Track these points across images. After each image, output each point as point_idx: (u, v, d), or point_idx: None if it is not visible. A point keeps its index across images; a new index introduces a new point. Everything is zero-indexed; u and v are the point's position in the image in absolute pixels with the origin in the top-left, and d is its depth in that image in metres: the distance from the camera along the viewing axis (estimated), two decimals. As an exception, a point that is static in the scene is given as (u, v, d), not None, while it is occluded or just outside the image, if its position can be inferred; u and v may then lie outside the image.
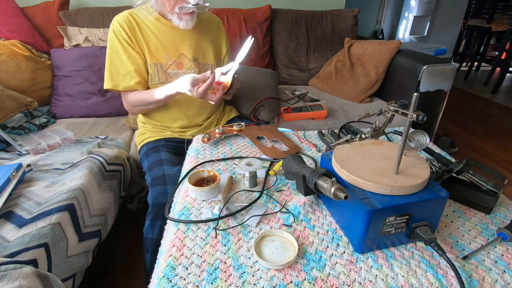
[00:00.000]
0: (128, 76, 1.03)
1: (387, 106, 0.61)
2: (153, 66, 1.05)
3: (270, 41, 1.99)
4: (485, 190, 0.66)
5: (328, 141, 0.90)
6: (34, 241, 0.74)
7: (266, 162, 0.82)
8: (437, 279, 0.49)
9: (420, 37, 3.92)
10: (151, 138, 1.13)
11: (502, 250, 0.56)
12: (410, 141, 0.56)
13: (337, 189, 0.53)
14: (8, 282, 0.60)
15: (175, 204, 0.69)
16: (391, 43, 1.69)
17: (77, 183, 0.95)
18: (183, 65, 1.09)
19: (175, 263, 0.52)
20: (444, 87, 1.53)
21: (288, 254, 0.53)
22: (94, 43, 1.66)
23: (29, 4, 1.73)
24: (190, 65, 1.09)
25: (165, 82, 1.06)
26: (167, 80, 1.06)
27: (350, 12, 2.00)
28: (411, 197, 0.52)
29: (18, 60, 1.49)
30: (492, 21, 4.09)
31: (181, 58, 1.08)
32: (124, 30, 1.00)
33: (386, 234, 0.53)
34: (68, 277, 0.83)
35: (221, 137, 0.95)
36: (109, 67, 1.03)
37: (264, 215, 0.63)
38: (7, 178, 0.89)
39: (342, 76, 1.80)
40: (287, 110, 1.49)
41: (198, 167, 0.81)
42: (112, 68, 1.03)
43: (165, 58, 1.05)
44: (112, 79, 1.03)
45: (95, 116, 1.58)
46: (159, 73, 1.06)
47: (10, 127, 1.29)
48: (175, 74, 1.07)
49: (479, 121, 2.76)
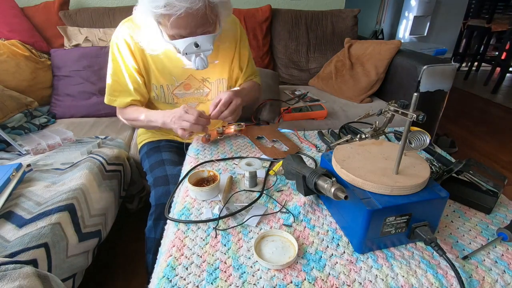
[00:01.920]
0: (125, 93, 0.98)
1: (387, 106, 0.61)
2: (159, 87, 1.00)
3: (270, 41, 1.99)
4: (485, 190, 0.66)
5: (328, 141, 0.90)
6: (34, 241, 0.74)
7: (266, 162, 0.82)
8: (437, 279, 0.49)
9: (420, 37, 3.92)
10: (152, 138, 1.13)
11: (502, 250, 0.56)
12: (410, 141, 0.56)
13: (337, 189, 0.53)
14: (8, 282, 0.60)
15: (175, 204, 0.69)
16: (391, 43, 1.69)
17: (77, 183, 0.95)
18: (191, 86, 1.03)
19: (175, 263, 0.52)
20: (444, 87, 1.53)
21: (288, 254, 0.53)
22: (94, 43, 1.67)
23: (29, 4, 1.73)
24: (199, 85, 1.03)
25: (171, 102, 1.03)
26: (173, 101, 1.03)
27: (350, 12, 2.00)
28: (411, 197, 0.52)
29: (18, 60, 1.49)
30: (492, 21, 4.09)
31: (189, 79, 1.01)
32: (128, 46, 0.92)
33: (386, 234, 0.53)
34: (68, 277, 0.83)
35: (221, 137, 0.95)
36: (108, 80, 0.98)
37: (264, 215, 0.63)
38: (7, 178, 0.89)
39: (342, 76, 1.80)
40: (287, 110, 1.49)
41: (198, 167, 0.81)
42: (111, 81, 0.98)
43: (172, 80, 0.99)
44: (109, 93, 0.99)
45: (95, 116, 1.58)
46: (165, 94, 1.01)
47: (10, 127, 1.29)
48: (182, 95, 1.03)
49: (479, 121, 2.76)
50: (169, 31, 0.80)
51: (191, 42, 0.81)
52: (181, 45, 0.82)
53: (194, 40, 0.81)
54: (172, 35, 0.82)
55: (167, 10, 0.72)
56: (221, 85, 1.07)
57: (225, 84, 1.08)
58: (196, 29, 0.80)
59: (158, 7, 0.73)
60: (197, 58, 0.85)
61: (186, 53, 0.83)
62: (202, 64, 0.86)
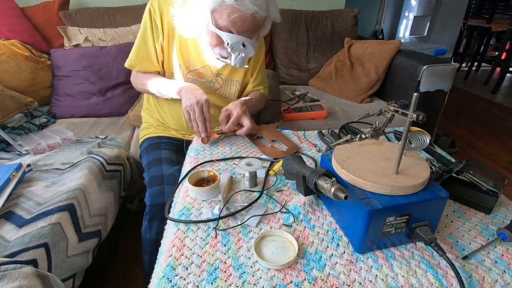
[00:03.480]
0: (147, 62, 1.01)
1: (387, 106, 0.61)
2: (176, 65, 1.01)
3: (270, 41, 1.99)
4: (485, 190, 0.66)
5: (328, 141, 0.90)
6: (34, 241, 0.74)
7: (266, 162, 0.82)
8: (437, 279, 0.49)
9: (420, 37, 3.92)
10: (154, 134, 1.12)
11: (502, 250, 0.56)
12: (410, 141, 0.56)
13: (337, 189, 0.53)
14: (8, 282, 0.60)
15: (175, 204, 0.69)
16: (391, 43, 1.69)
17: (77, 183, 0.95)
18: (205, 75, 1.04)
19: (175, 263, 0.52)
20: (444, 87, 1.53)
21: (288, 254, 0.53)
22: (94, 43, 1.67)
23: (29, 4, 1.73)
24: (212, 79, 1.04)
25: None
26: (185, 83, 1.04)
27: (350, 12, 2.00)
28: (411, 197, 0.52)
29: (18, 60, 1.49)
30: (492, 21, 4.10)
31: (205, 69, 1.02)
32: (160, 14, 0.93)
33: (386, 234, 0.53)
34: (68, 277, 0.83)
35: (221, 137, 0.95)
36: (136, 43, 1.00)
37: (264, 215, 0.63)
38: (7, 178, 0.89)
39: (342, 76, 1.80)
40: (287, 110, 1.49)
41: (198, 167, 0.81)
42: (137, 45, 1.00)
43: (189, 63, 1.01)
44: (132, 57, 1.01)
45: (95, 116, 1.58)
46: (178, 73, 1.02)
47: (10, 127, 1.29)
48: (193, 80, 1.03)
49: (479, 121, 2.76)
50: (222, 22, 0.81)
51: (240, 40, 0.83)
52: (230, 38, 0.83)
53: (243, 40, 0.83)
54: (223, 26, 0.82)
55: (238, 4, 0.74)
56: (234, 86, 1.09)
57: (237, 87, 1.09)
58: (246, 32, 0.83)
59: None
60: (239, 56, 0.87)
61: (232, 47, 0.85)
62: (241, 63, 0.89)
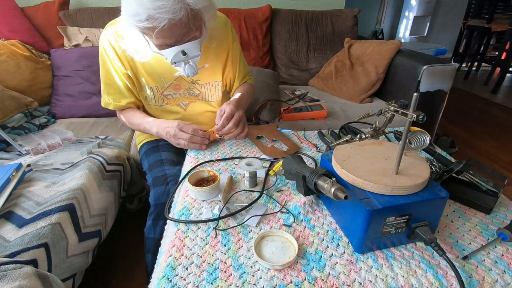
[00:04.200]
0: (118, 96, 0.99)
1: (387, 106, 0.61)
2: (149, 89, 0.99)
3: (270, 41, 1.99)
4: (485, 190, 0.66)
5: (328, 141, 0.90)
6: (34, 241, 0.74)
7: (266, 162, 0.82)
8: (437, 279, 0.49)
9: (420, 37, 3.92)
10: (151, 138, 1.13)
11: (502, 250, 0.56)
12: (410, 141, 0.56)
13: (337, 189, 0.53)
14: (8, 282, 0.60)
15: (175, 204, 0.69)
16: (391, 43, 1.69)
17: (77, 183, 0.95)
18: (181, 86, 1.01)
19: (175, 263, 0.52)
20: (444, 87, 1.53)
21: (288, 254, 0.53)
22: (94, 43, 1.66)
23: (29, 4, 1.73)
24: (189, 86, 1.02)
25: (162, 104, 1.02)
26: (164, 102, 1.02)
27: (350, 12, 2.00)
28: (411, 197, 0.52)
29: (18, 60, 1.49)
30: (492, 21, 4.09)
31: (178, 80, 1.00)
32: (114, 50, 0.91)
33: (386, 234, 0.53)
34: (68, 277, 0.83)
35: (221, 137, 0.95)
36: (102, 83, 0.99)
37: (264, 215, 0.63)
38: (7, 178, 0.89)
39: (342, 76, 1.80)
40: (287, 110, 1.49)
41: (198, 167, 0.81)
42: (104, 85, 0.98)
43: (161, 81, 0.98)
44: (103, 96, 1.00)
45: (95, 116, 1.58)
46: (155, 95, 1.00)
47: (10, 127, 1.29)
48: (172, 95, 1.02)
49: (479, 121, 2.76)
50: (156, 41, 0.80)
51: (178, 50, 0.80)
52: (169, 54, 0.81)
53: (181, 48, 0.80)
54: (158, 45, 0.81)
55: (150, 23, 0.71)
56: (214, 87, 1.06)
57: (219, 87, 1.07)
58: (181, 37, 0.79)
59: (140, 21, 0.71)
60: (186, 65, 0.84)
61: (174, 62, 0.82)
62: (192, 71, 0.86)
